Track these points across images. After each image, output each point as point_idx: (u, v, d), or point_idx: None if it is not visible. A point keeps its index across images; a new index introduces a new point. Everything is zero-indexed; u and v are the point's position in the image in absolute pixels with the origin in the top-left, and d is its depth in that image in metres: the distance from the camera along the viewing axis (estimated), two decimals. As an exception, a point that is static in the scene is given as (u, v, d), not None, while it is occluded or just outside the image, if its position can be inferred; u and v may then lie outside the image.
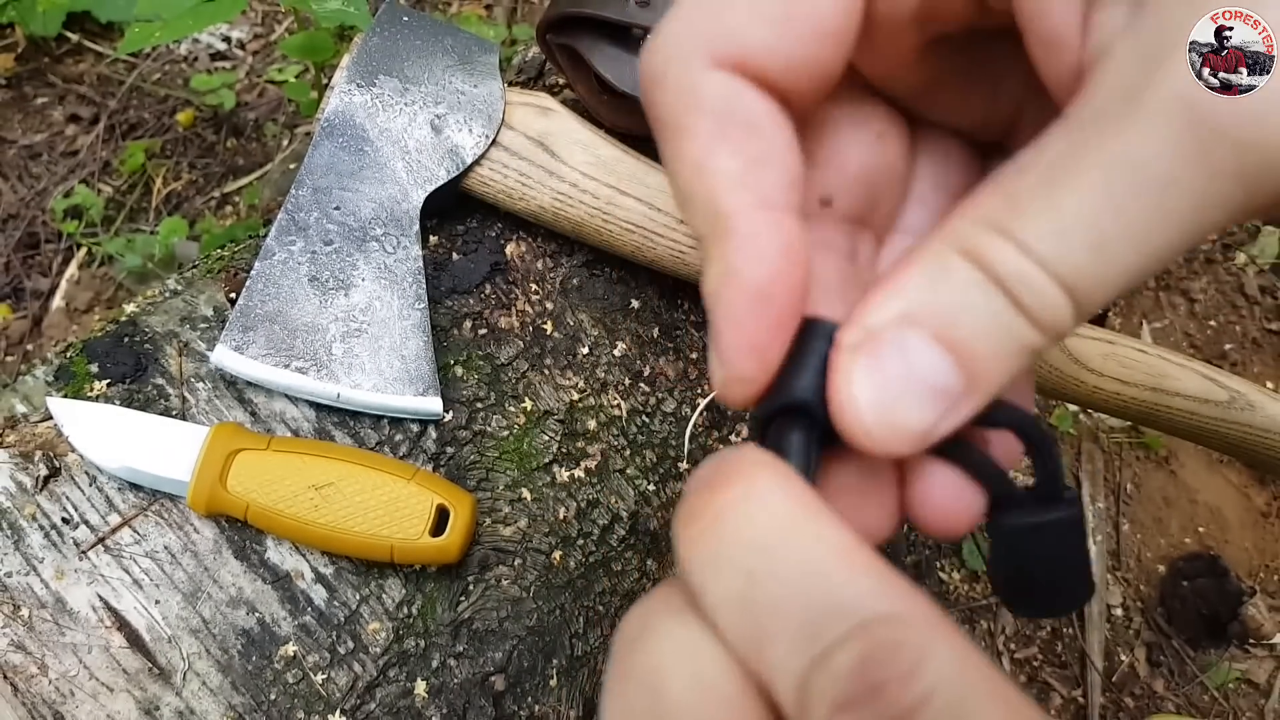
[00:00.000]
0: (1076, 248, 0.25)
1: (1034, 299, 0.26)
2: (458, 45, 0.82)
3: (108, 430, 0.71)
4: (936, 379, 0.27)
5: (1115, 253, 0.25)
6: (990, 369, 0.27)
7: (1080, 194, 0.25)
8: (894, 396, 0.27)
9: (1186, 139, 0.24)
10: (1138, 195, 0.25)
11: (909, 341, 0.27)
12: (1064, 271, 0.26)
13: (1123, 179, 0.25)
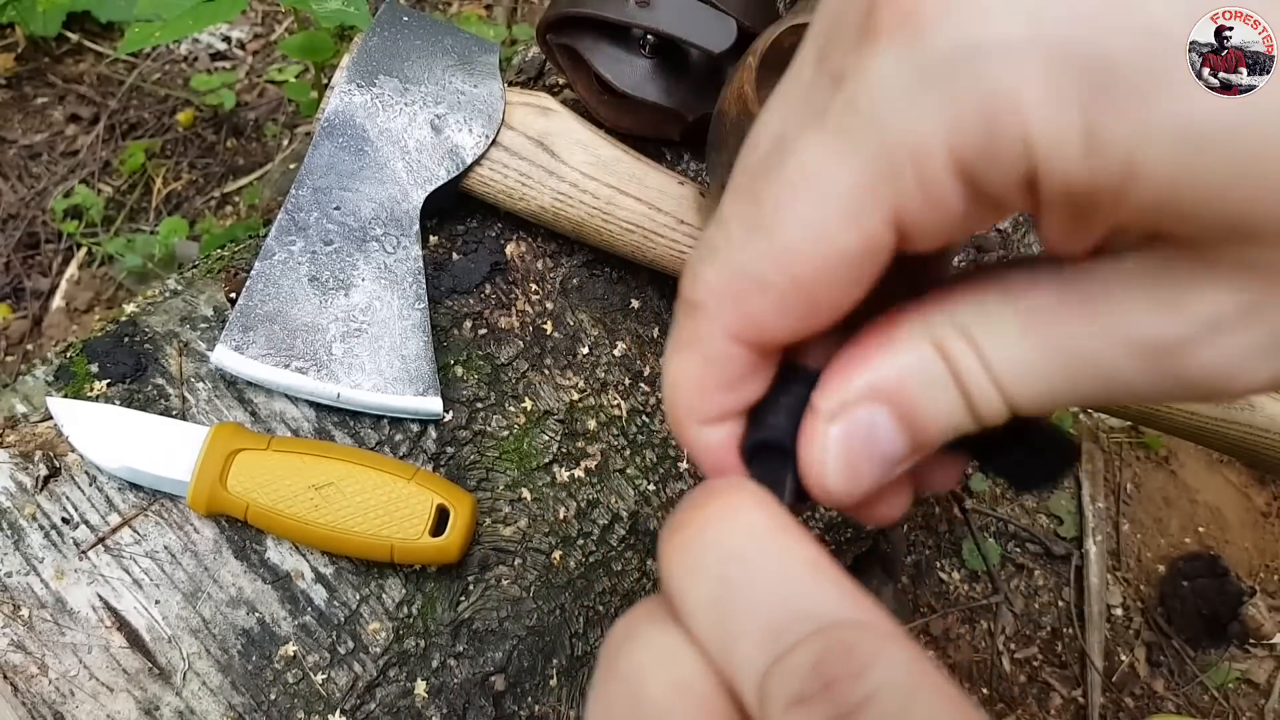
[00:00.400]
0: (1028, 384, 0.29)
1: (982, 403, 0.30)
2: (458, 45, 0.82)
3: (108, 430, 0.71)
4: (890, 450, 0.31)
5: (1056, 398, 0.30)
6: (932, 443, 0.31)
7: (1047, 353, 0.29)
8: (855, 464, 0.31)
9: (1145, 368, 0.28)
10: (1090, 379, 0.29)
11: (876, 418, 0.31)
12: (1012, 393, 0.30)
13: (1079, 365, 0.29)
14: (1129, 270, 0.28)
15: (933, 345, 0.30)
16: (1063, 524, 1.41)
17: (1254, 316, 0.27)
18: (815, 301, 0.30)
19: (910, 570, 1.34)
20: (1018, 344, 0.29)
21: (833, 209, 0.28)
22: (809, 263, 0.29)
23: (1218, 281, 0.27)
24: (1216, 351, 0.27)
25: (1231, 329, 0.27)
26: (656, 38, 0.80)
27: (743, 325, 0.31)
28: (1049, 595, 1.37)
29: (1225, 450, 0.95)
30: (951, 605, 1.33)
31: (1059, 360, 0.29)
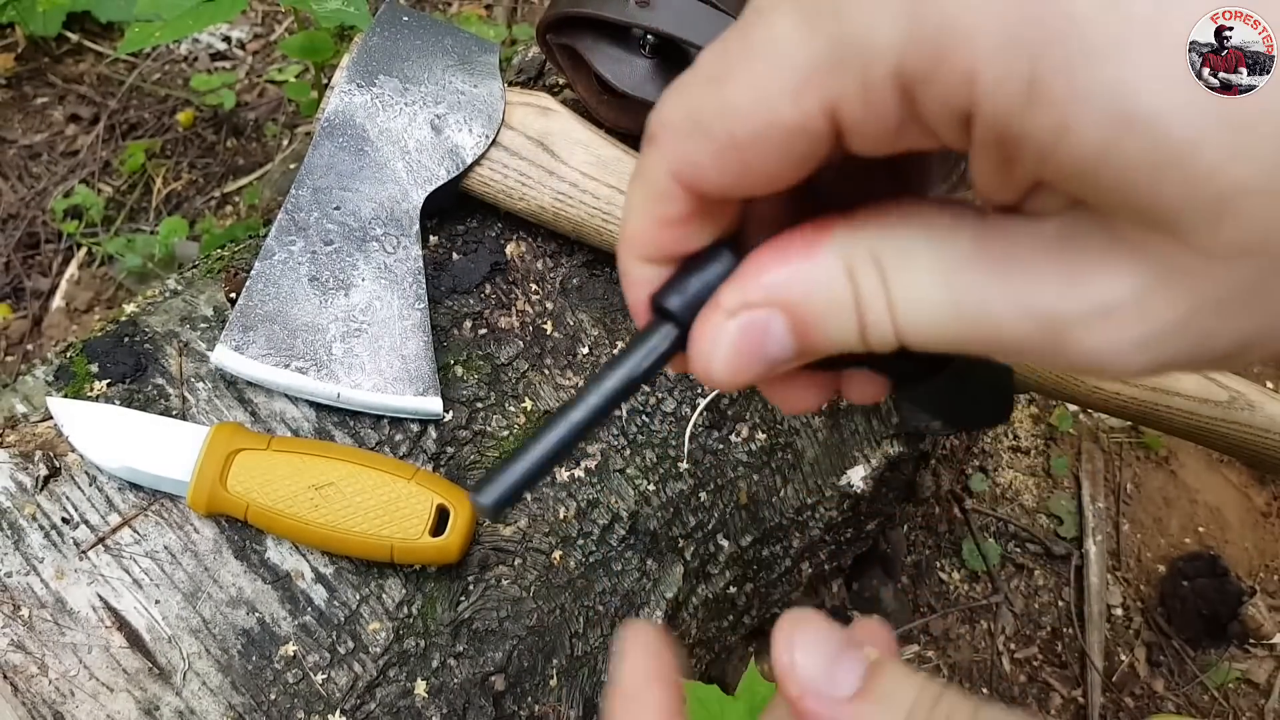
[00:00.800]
0: (921, 324, 0.31)
1: (873, 331, 0.32)
2: (458, 45, 0.82)
3: (108, 430, 0.71)
4: (777, 353, 0.33)
5: (945, 341, 0.31)
6: (817, 355, 0.33)
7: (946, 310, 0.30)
8: (741, 360, 0.33)
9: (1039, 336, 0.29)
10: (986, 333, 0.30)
11: (772, 322, 0.33)
12: (903, 328, 0.31)
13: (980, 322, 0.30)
14: (1046, 235, 0.29)
15: (844, 267, 0.32)
16: (1063, 524, 1.41)
17: (1142, 307, 0.27)
18: (747, 163, 0.31)
19: (910, 570, 1.34)
20: (924, 285, 0.31)
21: (778, 79, 0.29)
22: (745, 122, 0.30)
23: (1120, 264, 0.27)
24: (1101, 336, 0.28)
25: (1120, 317, 0.28)
26: (656, 38, 0.80)
27: (681, 165, 0.32)
28: (1049, 595, 1.37)
29: (1225, 450, 0.95)
30: (951, 605, 1.33)
31: (957, 309, 0.30)
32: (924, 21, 0.26)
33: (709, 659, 0.97)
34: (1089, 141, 0.25)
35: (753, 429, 0.87)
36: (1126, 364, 0.28)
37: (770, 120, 0.29)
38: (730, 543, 0.88)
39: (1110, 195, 0.26)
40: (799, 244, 0.33)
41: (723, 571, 0.89)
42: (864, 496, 0.96)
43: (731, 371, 0.34)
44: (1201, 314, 0.27)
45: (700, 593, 0.88)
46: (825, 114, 0.29)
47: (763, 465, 0.88)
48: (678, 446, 0.84)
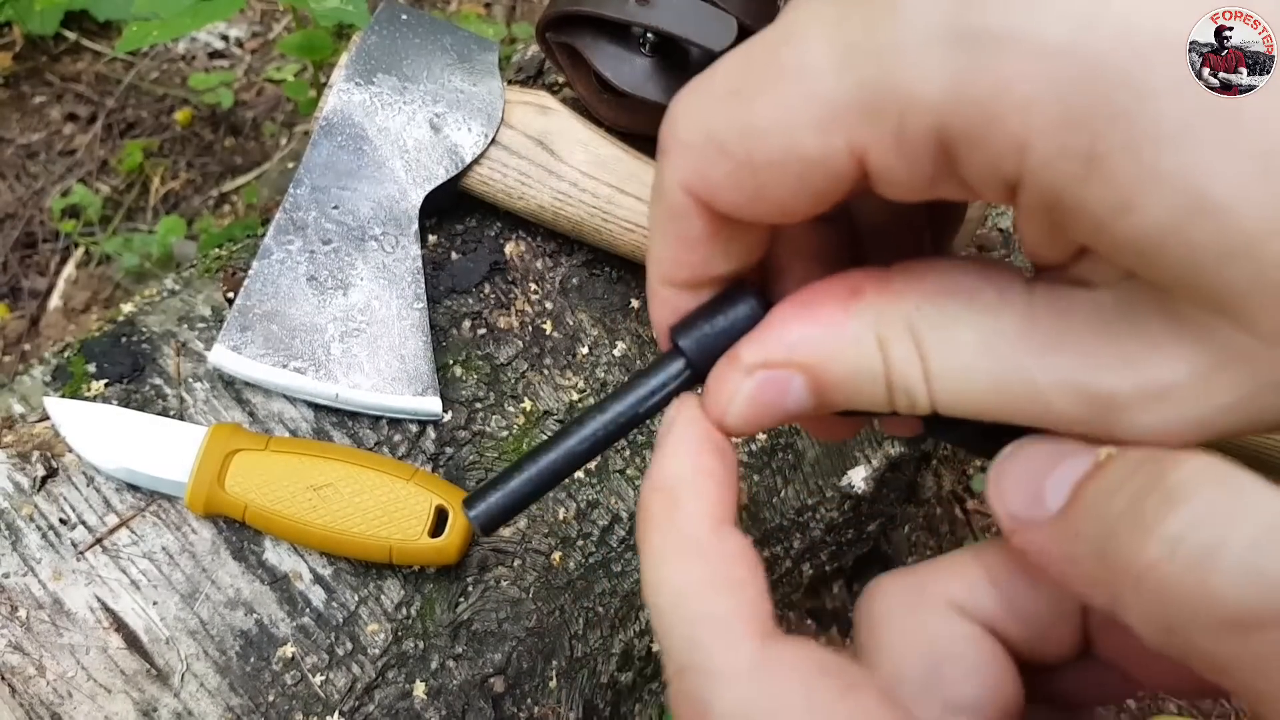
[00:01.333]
0: (961, 397, 0.30)
1: (903, 400, 0.31)
2: (457, 43, 0.82)
3: (105, 430, 0.71)
4: (795, 408, 0.32)
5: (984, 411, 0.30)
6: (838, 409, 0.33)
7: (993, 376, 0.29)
8: (757, 415, 0.33)
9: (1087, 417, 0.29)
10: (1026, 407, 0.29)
11: (793, 382, 0.32)
12: (941, 400, 0.30)
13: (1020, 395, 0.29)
14: (1099, 308, 0.28)
15: (875, 337, 0.31)
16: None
17: (1199, 389, 0.27)
18: (763, 187, 0.29)
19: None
20: (965, 360, 0.30)
21: (805, 110, 0.27)
22: (765, 147, 0.28)
23: (1178, 344, 0.27)
24: (1155, 416, 0.28)
25: (1176, 399, 0.27)
26: (657, 36, 0.80)
27: (694, 180, 0.31)
28: (1050, 596, 1.36)
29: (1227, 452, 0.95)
30: (952, 606, 1.33)
31: (999, 384, 0.29)
32: (974, 82, 0.25)
33: (709, 660, 0.97)
34: (1154, 222, 0.24)
35: (753, 429, 0.87)
36: (1178, 440, 0.28)
37: (791, 150, 0.28)
38: (731, 543, 0.88)
39: (1170, 275, 0.26)
40: (828, 305, 0.32)
41: (723, 572, 0.88)
42: (865, 497, 0.95)
43: (745, 424, 0.33)
44: (1260, 396, 0.27)
45: (700, 594, 0.87)
46: (852, 155, 0.27)
47: (763, 466, 0.88)
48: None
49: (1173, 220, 0.24)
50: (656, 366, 0.35)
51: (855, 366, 0.31)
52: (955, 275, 0.31)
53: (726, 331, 0.34)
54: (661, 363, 0.35)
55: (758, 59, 0.29)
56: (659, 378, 0.35)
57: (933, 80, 0.25)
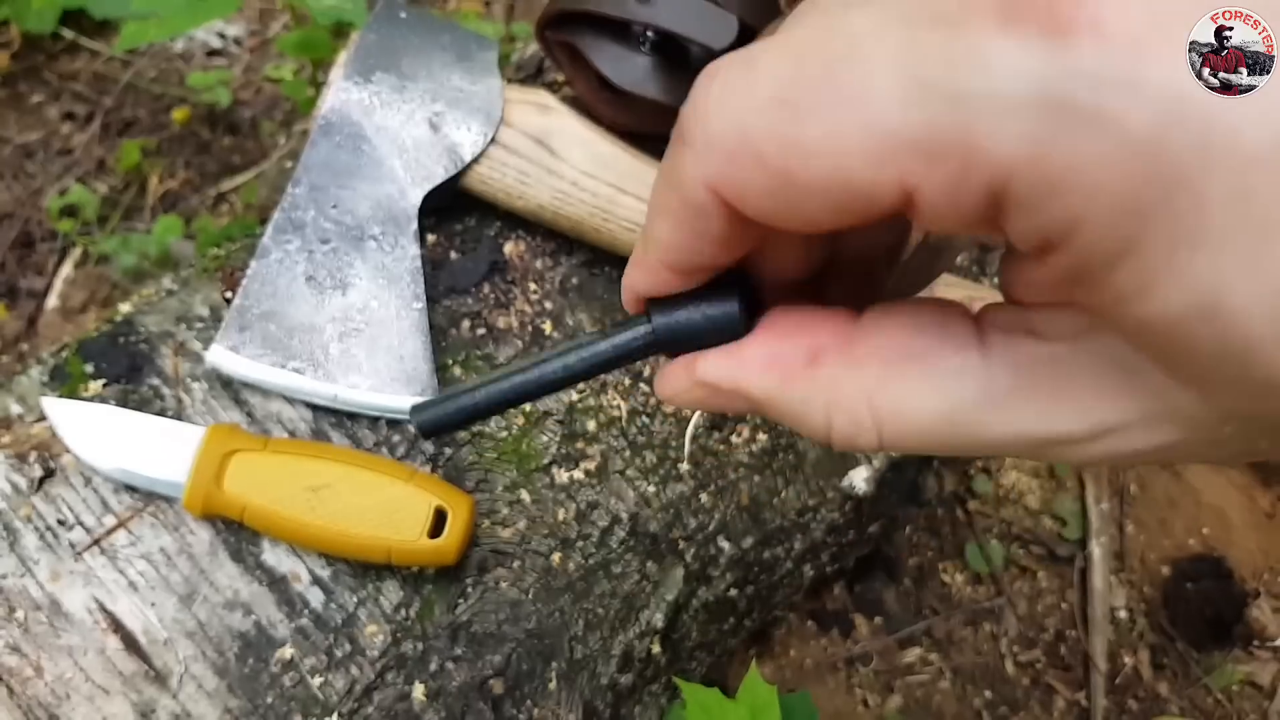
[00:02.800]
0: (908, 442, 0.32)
1: (843, 448, 0.33)
2: (456, 42, 0.82)
3: (103, 431, 0.70)
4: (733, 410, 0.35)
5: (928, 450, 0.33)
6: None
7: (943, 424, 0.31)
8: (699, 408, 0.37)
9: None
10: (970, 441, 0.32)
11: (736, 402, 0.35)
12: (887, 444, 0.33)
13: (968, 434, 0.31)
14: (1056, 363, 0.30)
15: (825, 408, 0.33)
16: (1066, 526, 1.40)
17: (1144, 432, 0.29)
18: (797, 206, 0.29)
19: (913, 572, 1.34)
20: (925, 426, 0.32)
21: (864, 141, 0.26)
22: (810, 169, 0.27)
23: (1133, 396, 0.28)
24: (1097, 450, 0.30)
25: (1121, 436, 0.29)
26: (657, 34, 0.80)
27: (723, 183, 0.30)
28: (1053, 598, 1.36)
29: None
30: (954, 608, 1.33)
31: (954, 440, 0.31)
32: (1049, 156, 0.24)
33: (709, 662, 0.97)
34: (1168, 311, 0.25)
35: (754, 430, 0.87)
36: (1118, 462, 0.30)
37: (838, 175, 0.27)
38: (731, 545, 0.87)
39: (1164, 355, 0.27)
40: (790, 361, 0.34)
41: (724, 574, 0.88)
42: (866, 498, 0.95)
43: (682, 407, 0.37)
44: (1202, 444, 0.29)
45: (701, 595, 0.87)
46: (901, 190, 0.27)
47: (764, 467, 0.88)
48: (678, 448, 0.83)
49: (1185, 314, 0.25)
50: (623, 327, 0.37)
51: (799, 420, 0.34)
52: (916, 335, 0.32)
53: (700, 326, 0.35)
54: (629, 325, 0.37)
55: (812, 72, 0.27)
56: (623, 337, 0.37)
57: (1010, 142, 0.24)
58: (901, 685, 1.27)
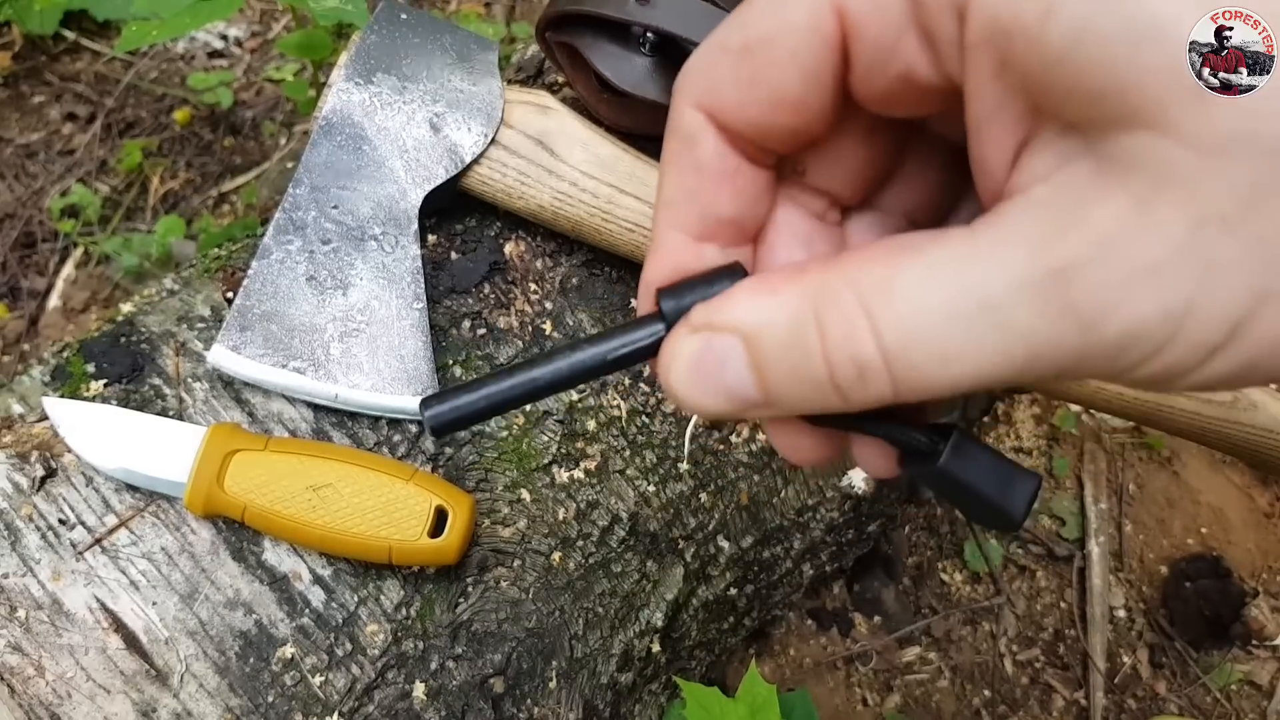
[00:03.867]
0: (920, 354, 0.29)
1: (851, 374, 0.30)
2: (456, 43, 0.82)
3: (104, 431, 0.71)
4: (738, 388, 0.32)
5: (952, 365, 0.29)
6: (787, 405, 0.32)
7: (938, 307, 0.29)
8: (698, 383, 0.33)
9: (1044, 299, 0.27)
10: (987, 327, 0.28)
11: (731, 353, 0.32)
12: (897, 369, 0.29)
13: (974, 305, 0.28)
14: (1035, 203, 0.28)
15: (812, 306, 0.31)
16: (1065, 525, 1.41)
17: (1142, 227, 0.26)
18: (760, 71, 0.32)
19: (912, 571, 1.34)
20: (917, 301, 0.29)
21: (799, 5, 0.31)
22: (759, 27, 0.32)
23: (1111, 188, 0.27)
24: (1106, 273, 0.26)
25: (1122, 246, 0.26)
26: (656, 35, 0.80)
27: (701, 92, 0.33)
28: (1051, 597, 1.36)
29: (1228, 451, 0.95)
30: (953, 607, 1.33)
31: (957, 312, 0.28)
32: None
33: (709, 661, 0.97)
34: (1071, 19, 0.26)
35: (753, 429, 0.87)
36: (1138, 304, 0.27)
37: (782, 21, 0.31)
38: (731, 544, 0.88)
39: (1094, 79, 0.26)
40: (777, 277, 0.33)
41: (723, 573, 0.88)
42: (865, 497, 0.95)
43: (686, 388, 0.34)
44: (1206, 232, 0.26)
45: (701, 594, 0.87)
46: (833, 10, 0.30)
47: (763, 466, 0.88)
48: (678, 447, 0.83)
49: (1085, 14, 0.25)
50: (636, 323, 0.37)
51: (786, 336, 0.31)
52: (897, 237, 0.31)
53: (704, 299, 0.35)
54: (641, 321, 0.37)
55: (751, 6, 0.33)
56: (634, 333, 0.36)
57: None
58: (900, 684, 1.27)
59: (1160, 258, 0.26)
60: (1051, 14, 0.26)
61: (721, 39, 0.33)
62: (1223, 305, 0.26)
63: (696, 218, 0.36)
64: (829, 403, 0.31)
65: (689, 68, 0.34)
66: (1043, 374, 0.29)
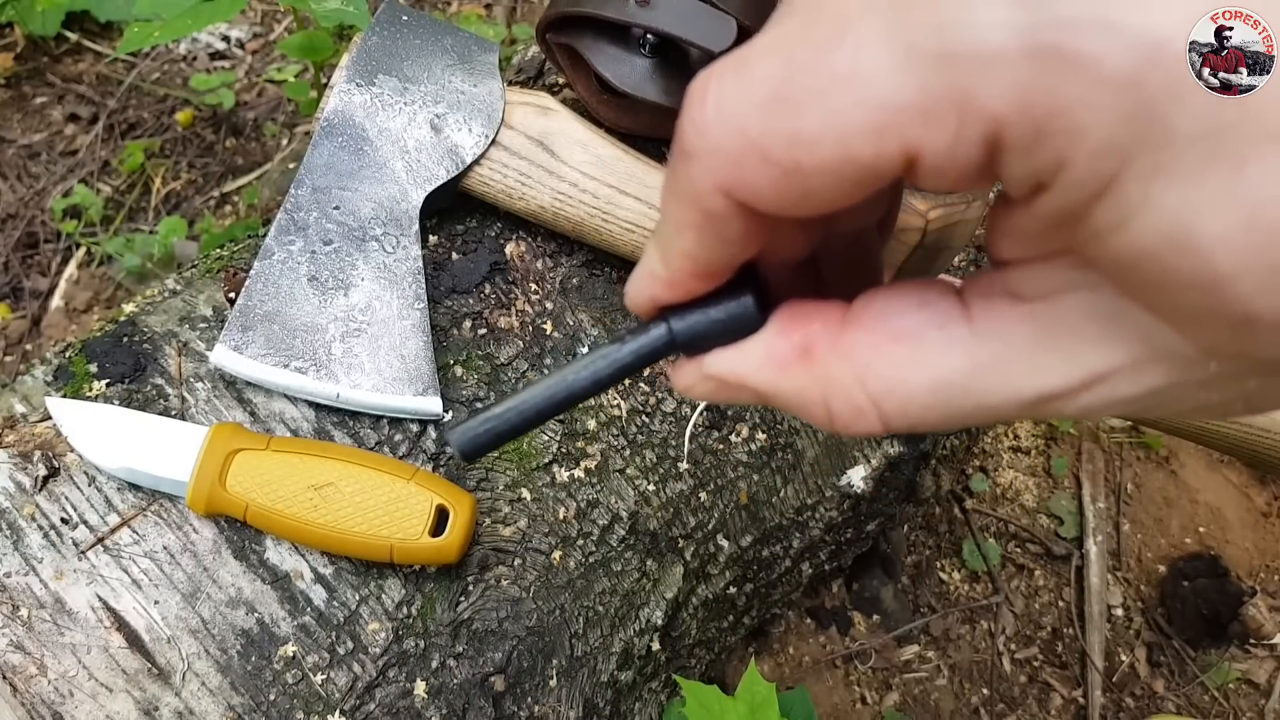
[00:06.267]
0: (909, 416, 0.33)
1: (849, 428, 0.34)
2: (457, 44, 0.82)
3: (107, 430, 0.71)
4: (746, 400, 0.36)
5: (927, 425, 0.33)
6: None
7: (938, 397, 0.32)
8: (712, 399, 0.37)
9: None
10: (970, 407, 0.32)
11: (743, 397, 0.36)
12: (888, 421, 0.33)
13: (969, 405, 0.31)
14: (1039, 318, 0.30)
15: (823, 396, 0.34)
16: (1063, 524, 1.41)
17: (1135, 375, 0.29)
18: (810, 191, 0.29)
19: (910, 570, 1.34)
20: (921, 401, 0.32)
21: (866, 118, 0.27)
22: (815, 156, 0.28)
23: (1117, 341, 0.29)
24: (1091, 398, 0.30)
25: (1112, 382, 0.29)
26: (657, 37, 0.80)
27: (735, 185, 0.31)
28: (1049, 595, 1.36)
29: (1226, 450, 0.95)
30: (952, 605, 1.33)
31: (951, 411, 0.32)
32: (1037, 103, 0.25)
33: (709, 659, 0.97)
34: (1142, 241, 0.26)
35: (753, 429, 0.87)
36: (1114, 414, 0.31)
37: (843, 156, 0.28)
38: (730, 543, 0.88)
39: (1140, 287, 0.27)
40: (785, 355, 0.35)
41: (723, 572, 0.89)
42: (864, 497, 0.95)
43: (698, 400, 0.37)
44: (1191, 386, 0.29)
45: (700, 593, 0.88)
46: (905, 156, 0.27)
47: (763, 465, 0.88)
48: (678, 446, 0.84)
49: (1158, 246, 0.26)
50: (641, 331, 0.38)
51: (802, 410, 0.35)
52: (901, 315, 0.33)
53: (719, 324, 0.36)
54: (646, 329, 0.37)
55: (804, 62, 0.28)
56: (642, 342, 0.37)
57: (1001, 92, 0.25)
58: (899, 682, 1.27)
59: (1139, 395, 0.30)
60: (1125, 230, 0.26)
61: (765, 147, 0.29)
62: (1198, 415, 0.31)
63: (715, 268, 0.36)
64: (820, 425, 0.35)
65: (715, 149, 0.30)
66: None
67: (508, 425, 0.38)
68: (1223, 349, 0.27)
